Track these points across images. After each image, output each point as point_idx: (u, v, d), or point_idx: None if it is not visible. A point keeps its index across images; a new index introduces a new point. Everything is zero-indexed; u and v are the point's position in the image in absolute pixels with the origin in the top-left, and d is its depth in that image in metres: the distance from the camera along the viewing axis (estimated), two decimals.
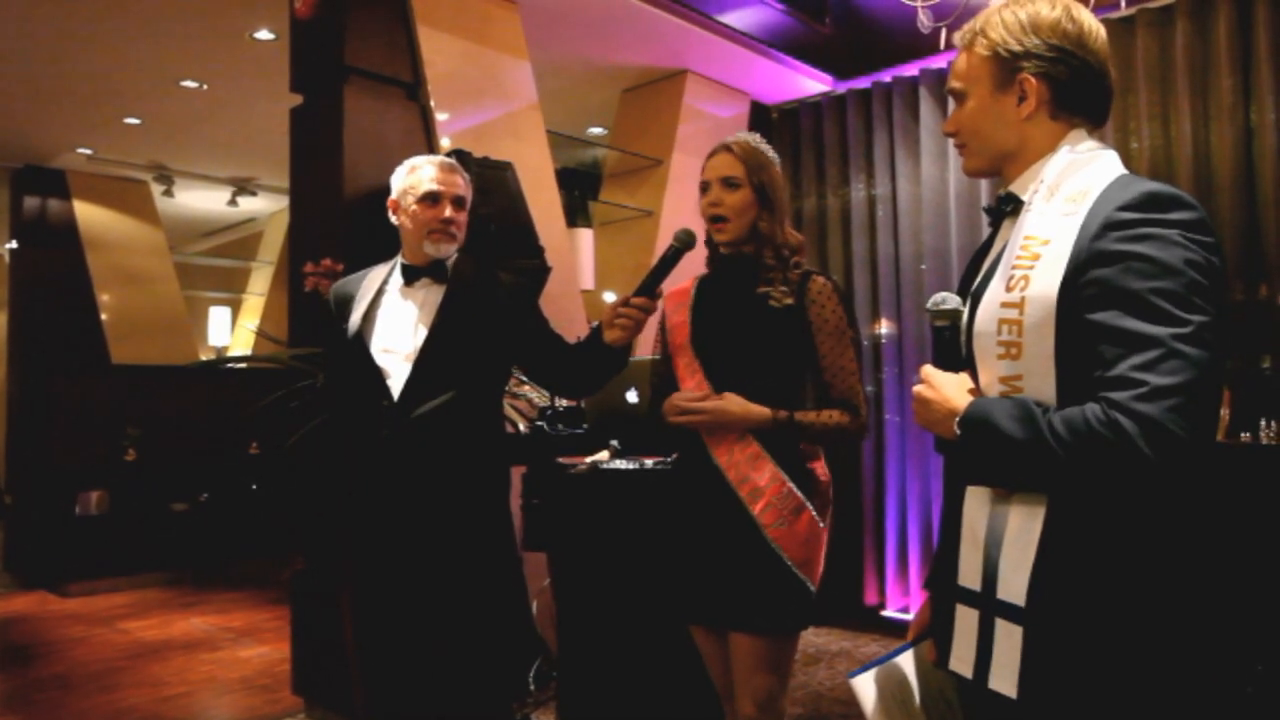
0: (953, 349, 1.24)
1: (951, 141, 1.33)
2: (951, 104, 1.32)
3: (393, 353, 2.05)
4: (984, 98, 1.25)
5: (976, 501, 1.18)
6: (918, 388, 1.23)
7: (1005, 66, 1.22)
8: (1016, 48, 1.21)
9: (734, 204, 1.93)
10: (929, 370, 1.23)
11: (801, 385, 1.96)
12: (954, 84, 1.29)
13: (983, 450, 1.13)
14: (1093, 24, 1.22)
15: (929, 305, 1.27)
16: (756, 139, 2.02)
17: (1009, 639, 1.12)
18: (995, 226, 1.31)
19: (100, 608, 5.39)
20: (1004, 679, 1.12)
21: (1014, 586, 1.12)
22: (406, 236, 2.12)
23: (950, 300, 1.26)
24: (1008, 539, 1.13)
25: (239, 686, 3.86)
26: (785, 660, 1.91)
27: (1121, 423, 1.00)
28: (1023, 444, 1.06)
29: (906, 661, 1.42)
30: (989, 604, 1.15)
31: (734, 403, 1.88)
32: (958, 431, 1.14)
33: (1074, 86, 1.21)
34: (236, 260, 8.50)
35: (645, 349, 4.40)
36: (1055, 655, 1.09)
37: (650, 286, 1.92)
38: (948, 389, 1.19)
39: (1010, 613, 1.12)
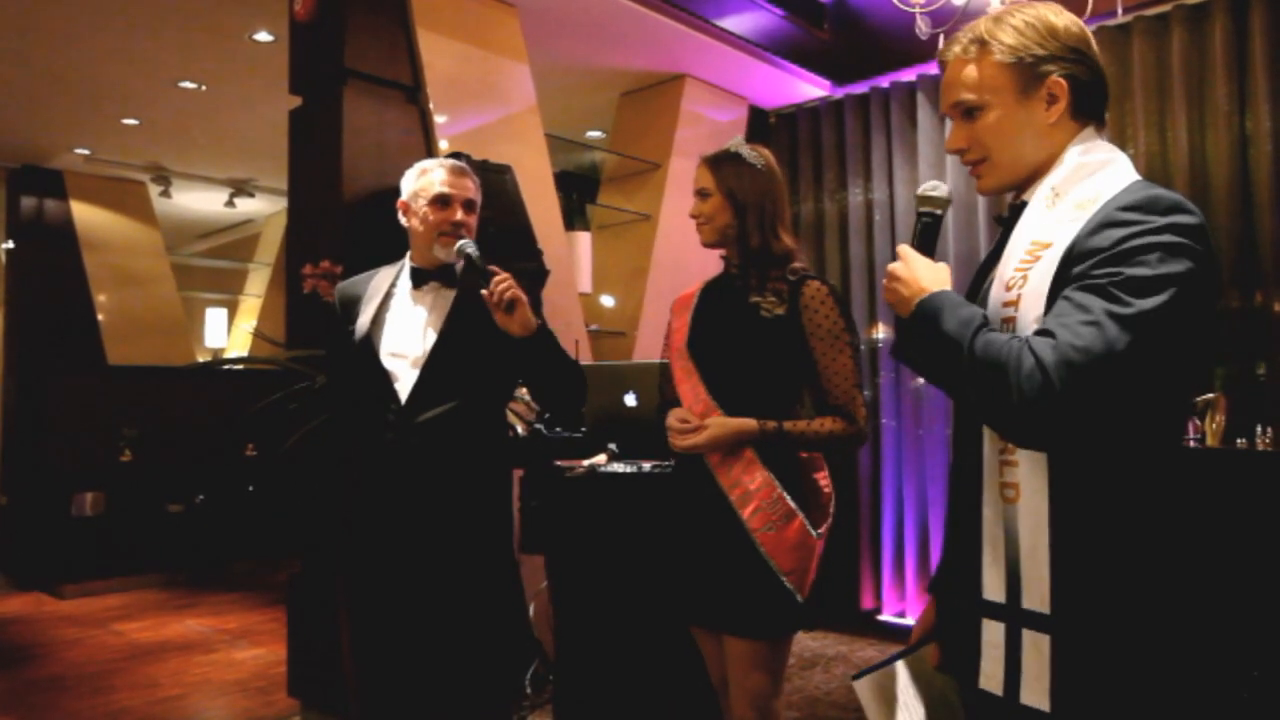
0: (933, 238, 1.26)
1: (959, 160, 1.30)
2: (946, 119, 1.30)
3: (401, 357, 2.04)
4: (1008, 106, 1.21)
5: (991, 511, 1.17)
6: (892, 265, 1.23)
7: (1030, 71, 1.19)
8: (1040, 51, 1.19)
9: (705, 211, 2.02)
10: (907, 250, 1.23)
11: (798, 392, 1.98)
12: (965, 96, 1.23)
13: (920, 333, 1.15)
14: (1087, 29, 1.25)
15: (919, 191, 1.28)
16: (737, 144, 2.04)
17: (1037, 650, 1.10)
18: (1005, 235, 1.28)
19: (95, 609, 5.38)
20: (1036, 692, 1.10)
21: (1038, 593, 1.11)
22: (416, 239, 2.11)
23: (941, 189, 1.27)
24: (1024, 547, 1.12)
25: (234, 689, 3.85)
26: (776, 663, 1.92)
27: (1022, 359, 1.02)
28: (945, 337, 1.10)
29: (910, 665, 1.42)
30: (1015, 615, 1.13)
31: (719, 425, 1.91)
32: (912, 310, 1.17)
33: (1091, 87, 1.21)
34: (233, 262, 8.49)
35: (644, 354, 4.41)
36: (1084, 662, 1.08)
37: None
38: (921, 270, 1.19)
39: (1037, 622, 1.11)
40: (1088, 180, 1.16)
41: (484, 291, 1.93)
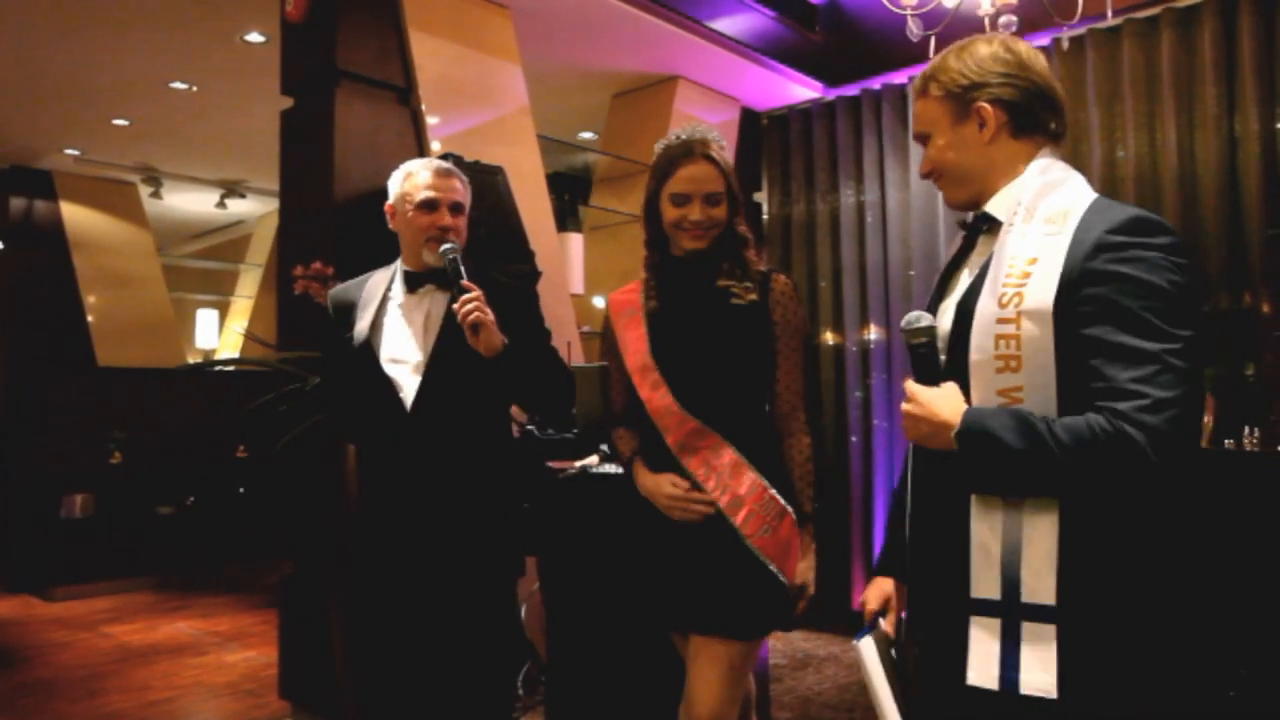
0: (932, 364, 1.30)
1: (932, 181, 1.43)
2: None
3: (401, 362, 2.01)
4: (946, 133, 1.37)
5: (984, 513, 1.22)
6: (906, 406, 1.28)
7: (960, 100, 1.34)
8: (964, 81, 1.33)
9: (720, 216, 1.89)
10: (914, 387, 1.28)
11: (766, 390, 1.92)
12: (918, 129, 1.41)
13: (985, 461, 1.18)
14: (1029, 50, 1.35)
15: (903, 325, 1.33)
16: (714, 133, 1.93)
17: (1040, 639, 1.16)
18: (969, 242, 1.40)
19: (85, 612, 5.35)
20: (1039, 679, 1.15)
21: (1041, 589, 1.17)
22: (405, 243, 2.09)
23: (924, 319, 1.32)
24: (1026, 547, 1.18)
25: (225, 691, 3.84)
26: (747, 666, 1.90)
27: (1129, 432, 1.09)
28: (1024, 453, 1.13)
29: (877, 637, 1.50)
30: (1013, 609, 1.19)
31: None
32: (956, 445, 1.19)
33: (1026, 105, 1.32)
34: (224, 263, 8.47)
35: None
36: (1094, 646, 1.15)
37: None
38: (936, 404, 1.24)
39: (1039, 614, 1.17)
40: (1052, 196, 1.25)
41: (454, 306, 1.91)
